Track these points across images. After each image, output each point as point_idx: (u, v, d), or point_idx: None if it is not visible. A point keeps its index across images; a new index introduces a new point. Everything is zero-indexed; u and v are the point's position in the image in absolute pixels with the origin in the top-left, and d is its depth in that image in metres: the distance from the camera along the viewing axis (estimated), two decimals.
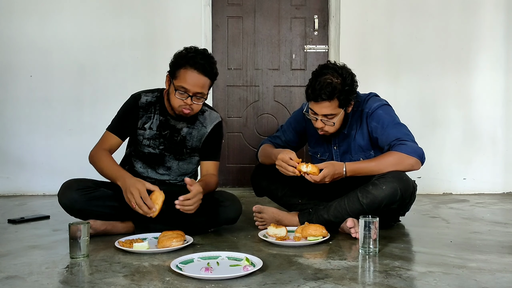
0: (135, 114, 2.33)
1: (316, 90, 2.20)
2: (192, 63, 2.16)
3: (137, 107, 2.33)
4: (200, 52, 2.21)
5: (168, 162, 2.39)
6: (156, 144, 2.35)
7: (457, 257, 1.93)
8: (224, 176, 3.95)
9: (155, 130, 2.35)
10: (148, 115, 2.34)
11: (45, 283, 1.61)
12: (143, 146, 2.36)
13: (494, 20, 3.86)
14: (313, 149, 2.54)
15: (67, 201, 2.18)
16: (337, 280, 1.62)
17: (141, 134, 2.35)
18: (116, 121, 2.35)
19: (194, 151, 2.41)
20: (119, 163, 2.45)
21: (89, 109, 3.77)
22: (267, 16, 3.99)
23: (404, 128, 2.31)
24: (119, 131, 2.32)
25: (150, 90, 2.40)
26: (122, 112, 2.36)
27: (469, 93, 3.88)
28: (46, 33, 3.76)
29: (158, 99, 2.36)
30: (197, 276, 1.62)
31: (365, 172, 2.22)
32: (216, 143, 2.43)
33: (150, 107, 2.35)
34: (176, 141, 2.36)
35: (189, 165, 2.43)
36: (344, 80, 2.23)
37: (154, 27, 3.81)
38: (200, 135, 2.39)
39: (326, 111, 2.24)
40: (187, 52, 2.20)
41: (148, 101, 2.35)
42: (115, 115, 2.37)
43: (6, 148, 3.78)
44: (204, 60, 2.18)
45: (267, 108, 4.03)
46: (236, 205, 2.30)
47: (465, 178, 3.87)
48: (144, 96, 2.36)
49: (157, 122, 2.35)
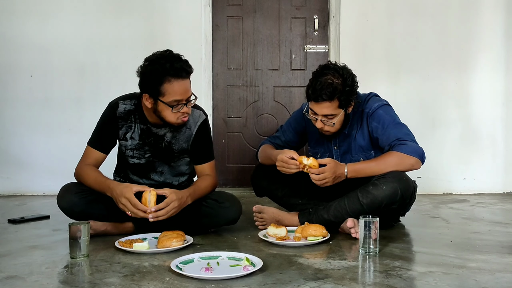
0: (114, 125, 2.25)
1: (317, 90, 2.20)
2: (173, 73, 2.05)
3: (116, 117, 2.24)
4: (171, 57, 2.08)
5: (159, 167, 2.34)
6: (141, 153, 2.29)
7: (457, 257, 1.93)
8: (224, 176, 3.95)
9: (137, 139, 2.27)
10: (128, 124, 2.26)
11: (45, 283, 1.61)
12: (128, 157, 2.30)
13: (494, 20, 3.85)
14: (313, 149, 2.54)
15: (67, 204, 2.18)
16: (337, 280, 1.62)
17: (123, 145, 2.29)
18: (96, 134, 2.28)
19: (183, 153, 2.34)
20: (114, 171, 2.44)
21: (89, 109, 3.76)
22: (267, 16, 3.99)
23: (405, 128, 2.31)
24: (100, 145, 2.26)
25: (128, 96, 2.29)
26: (100, 125, 2.28)
27: (469, 93, 3.88)
28: (46, 33, 3.76)
29: (136, 107, 2.25)
30: (197, 276, 1.62)
31: (366, 172, 2.22)
32: (205, 143, 2.35)
33: (130, 116, 2.26)
34: (162, 147, 2.29)
35: (181, 166, 2.38)
36: (345, 80, 2.23)
37: (154, 27, 3.81)
38: (186, 137, 2.31)
39: (326, 111, 2.24)
40: (159, 64, 2.06)
41: (126, 109, 2.25)
42: (95, 127, 2.30)
43: (6, 148, 3.78)
44: (179, 63, 2.07)
45: (267, 108, 4.03)
46: (236, 206, 2.30)
47: (465, 178, 3.87)
48: (122, 104, 2.25)
49: (138, 131, 2.27)
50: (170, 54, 2.11)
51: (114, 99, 2.31)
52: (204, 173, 2.34)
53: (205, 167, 2.36)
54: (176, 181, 2.39)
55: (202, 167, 2.36)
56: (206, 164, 2.36)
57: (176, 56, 2.11)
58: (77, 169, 2.24)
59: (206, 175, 2.33)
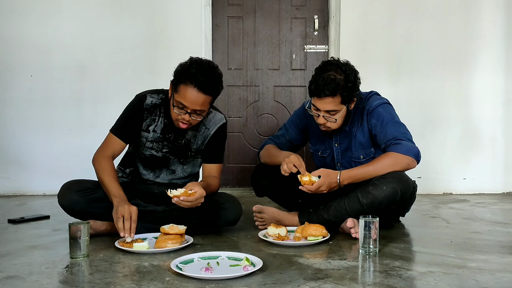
0: (139, 116, 2.29)
1: (320, 86, 2.21)
2: (192, 80, 2.08)
3: (142, 108, 2.28)
4: (202, 68, 2.11)
5: (172, 165, 2.38)
6: (159, 147, 2.33)
7: (457, 257, 1.93)
8: (224, 176, 3.93)
9: (159, 133, 2.32)
10: (153, 117, 2.31)
11: (45, 283, 1.61)
12: (146, 148, 2.33)
13: (494, 20, 3.85)
14: (314, 146, 2.54)
15: (67, 202, 2.18)
16: (337, 280, 1.62)
17: (145, 136, 2.32)
18: (120, 122, 2.31)
19: (198, 153, 2.40)
20: (120, 162, 2.45)
21: (89, 109, 3.77)
22: (267, 16, 3.99)
23: (403, 127, 2.31)
24: (123, 134, 2.28)
25: (156, 91, 2.35)
26: (126, 113, 2.32)
27: (469, 93, 3.88)
28: (46, 33, 3.76)
29: (163, 101, 2.31)
30: (197, 276, 1.62)
31: (364, 177, 2.22)
32: (219, 146, 2.40)
33: (155, 109, 2.30)
34: (181, 144, 2.34)
35: (193, 167, 2.43)
36: (348, 76, 2.23)
37: (154, 27, 3.81)
38: (203, 138, 2.37)
39: (328, 107, 2.25)
40: (189, 67, 2.12)
41: (153, 103, 2.30)
42: (120, 115, 2.33)
43: (6, 148, 3.78)
44: (205, 78, 2.09)
45: (267, 108, 4.03)
46: (236, 207, 2.30)
47: (465, 178, 3.87)
48: (150, 97, 2.30)
49: (161, 125, 2.31)
50: (206, 66, 2.13)
51: (142, 92, 2.35)
52: (211, 174, 2.37)
53: (213, 168, 2.38)
54: (182, 181, 2.41)
55: (210, 167, 2.38)
56: (214, 165, 2.39)
57: (208, 70, 2.12)
58: (96, 156, 2.24)
59: (213, 176, 2.36)
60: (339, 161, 2.45)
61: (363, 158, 2.38)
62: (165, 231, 2.02)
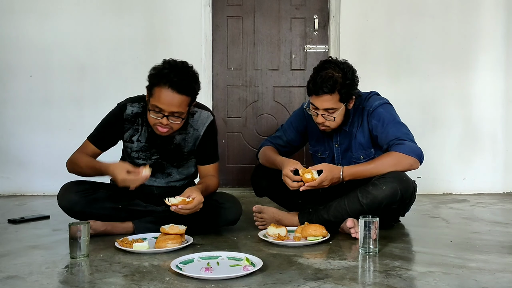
0: (119, 126, 2.26)
1: (318, 83, 2.21)
2: (166, 81, 2.03)
3: (122, 119, 2.25)
4: (176, 68, 2.06)
5: (167, 169, 2.35)
6: (147, 155, 2.30)
7: (457, 257, 1.93)
8: (224, 176, 3.94)
9: (143, 142, 2.28)
10: (135, 127, 2.27)
11: (45, 283, 1.61)
12: (133, 159, 2.31)
13: (494, 20, 3.85)
14: (314, 147, 2.54)
15: (67, 203, 2.19)
16: (337, 280, 1.62)
17: (129, 147, 2.30)
18: (98, 131, 2.29)
19: (191, 155, 2.36)
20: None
21: (89, 109, 3.76)
22: (267, 16, 3.99)
23: (404, 128, 2.31)
24: (100, 142, 2.26)
25: (137, 99, 2.29)
26: (105, 123, 2.29)
27: (469, 93, 3.88)
28: (46, 33, 3.75)
29: (144, 109, 2.24)
30: (197, 276, 1.62)
31: (365, 174, 2.22)
32: (211, 144, 2.36)
33: (137, 119, 2.26)
34: (171, 149, 2.30)
35: (189, 169, 2.40)
36: (345, 74, 2.24)
37: (154, 27, 3.81)
38: (194, 139, 2.32)
39: (327, 105, 2.25)
40: (162, 68, 2.07)
41: (134, 112, 2.25)
42: (98, 123, 2.31)
43: (6, 148, 3.77)
44: (179, 77, 2.03)
45: (267, 108, 4.03)
46: (236, 207, 2.30)
47: (465, 178, 3.87)
48: (130, 107, 2.25)
49: (145, 134, 2.27)
50: (180, 66, 2.09)
51: (123, 100, 2.30)
52: (209, 174, 2.35)
53: (209, 168, 2.37)
54: (180, 183, 2.39)
55: (206, 168, 2.37)
56: (211, 165, 2.37)
57: (182, 69, 2.08)
58: (69, 159, 2.25)
59: (211, 176, 2.34)
60: (339, 161, 2.44)
61: (363, 158, 2.38)
62: (165, 231, 2.02)
